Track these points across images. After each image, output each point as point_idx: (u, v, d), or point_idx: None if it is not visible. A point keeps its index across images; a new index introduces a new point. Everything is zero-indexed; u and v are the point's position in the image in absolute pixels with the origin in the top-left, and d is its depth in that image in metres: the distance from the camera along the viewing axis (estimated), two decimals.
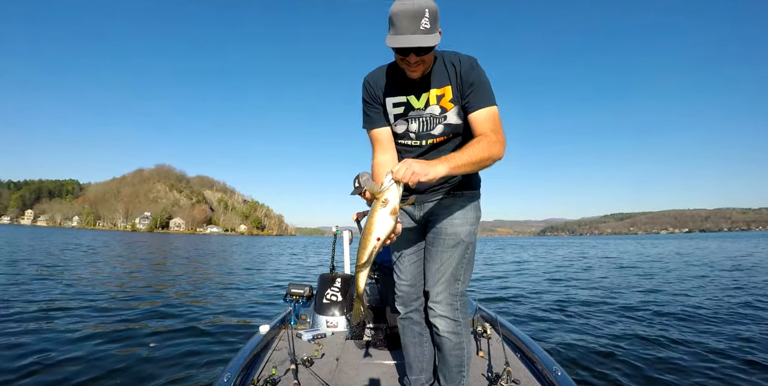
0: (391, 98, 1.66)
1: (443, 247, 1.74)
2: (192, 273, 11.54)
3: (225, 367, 2.08)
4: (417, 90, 1.62)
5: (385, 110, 1.69)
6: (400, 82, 1.64)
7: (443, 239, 1.74)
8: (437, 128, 1.65)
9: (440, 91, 1.60)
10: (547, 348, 4.00)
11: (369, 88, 1.69)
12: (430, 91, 1.61)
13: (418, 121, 1.65)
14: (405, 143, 1.73)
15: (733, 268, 13.05)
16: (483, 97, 1.55)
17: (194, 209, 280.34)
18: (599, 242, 59.24)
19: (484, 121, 1.53)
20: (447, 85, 1.59)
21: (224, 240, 68.63)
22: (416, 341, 1.92)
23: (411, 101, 1.64)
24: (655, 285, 9.17)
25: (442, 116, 1.62)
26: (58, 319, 5.01)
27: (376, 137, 1.73)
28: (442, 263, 1.73)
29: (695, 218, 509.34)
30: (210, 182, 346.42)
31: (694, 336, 4.65)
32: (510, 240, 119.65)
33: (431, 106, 1.61)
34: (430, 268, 1.76)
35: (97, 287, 7.91)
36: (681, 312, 5.97)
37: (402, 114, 1.66)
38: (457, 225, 1.74)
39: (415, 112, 1.64)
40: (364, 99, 1.72)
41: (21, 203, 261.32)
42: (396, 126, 1.70)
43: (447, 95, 1.60)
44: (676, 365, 3.67)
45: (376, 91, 1.69)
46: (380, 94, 1.68)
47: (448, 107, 1.61)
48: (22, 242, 24.69)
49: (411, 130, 1.68)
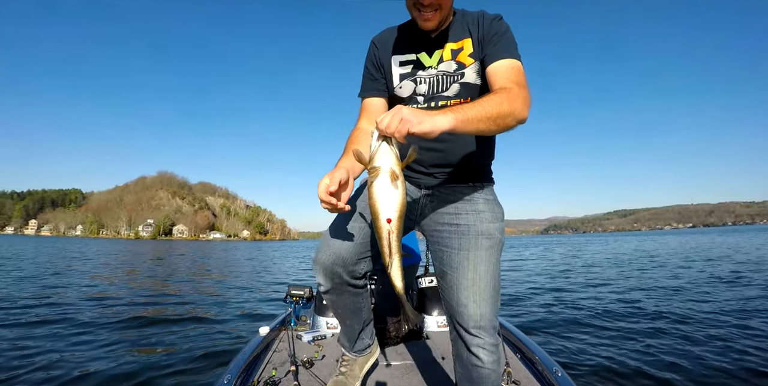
0: (398, 56, 1.44)
1: (476, 250, 1.38)
2: (192, 277, 11.57)
3: (225, 369, 2.08)
4: (430, 46, 1.40)
5: (389, 73, 1.46)
6: (411, 39, 1.44)
7: (474, 239, 1.39)
8: (452, 87, 1.39)
9: (457, 45, 1.38)
10: (547, 348, 3.99)
11: (374, 50, 1.50)
12: (445, 46, 1.39)
13: (429, 80, 1.40)
14: (412, 107, 1.40)
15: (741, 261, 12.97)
16: (507, 47, 1.31)
17: (197, 216, 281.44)
18: (600, 240, 58.90)
19: (506, 71, 1.26)
20: (466, 38, 1.38)
21: (227, 246, 68.73)
22: (356, 307, 1.59)
23: (421, 59, 1.41)
24: (663, 283, 9.12)
25: (458, 74, 1.38)
26: (61, 320, 5.03)
27: (366, 106, 1.51)
28: (477, 272, 1.36)
29: (699, 213, 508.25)
30: (212, 189, 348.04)
31: (700, 335, 4.60)
32: (514, 240, 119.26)
33: (445, 62, 1.39)
34: (459, 281, 1.37)
35: (100, 291, 7.93)
36: (691, 313, 5.90)
37: (409, 73, 1.42)
38: (489, 221, 1.42)
39: (425, 71, 1.41)
40: (366, 63, 1.53)
41: (25, 214, 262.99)
42: (401, 88, 1.44)
43: (466, 49, 1.38)
44: (677, 365, 3.63)
45: (381, 52, 1.47)
46: (386, 55, 1.46)
47: (466, 63, 1.37)
48: (27, 253, 24.80)
49: (419, 91, 1.42)
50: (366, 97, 1.51)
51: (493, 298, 1.36)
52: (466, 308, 1.34)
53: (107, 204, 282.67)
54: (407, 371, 2.23)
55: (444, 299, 1.43)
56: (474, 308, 1.33)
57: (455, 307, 1.37)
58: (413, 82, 1.42)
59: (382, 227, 1.02)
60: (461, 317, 1.35)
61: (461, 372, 1.43)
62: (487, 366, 1.35)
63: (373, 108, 1.50)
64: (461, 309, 1.35)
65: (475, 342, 1.34)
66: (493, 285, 1.37)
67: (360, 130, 1.46)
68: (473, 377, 1.38)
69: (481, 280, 1.35)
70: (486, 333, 1.34)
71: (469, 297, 1.34)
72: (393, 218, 1.00)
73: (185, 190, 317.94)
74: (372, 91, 1.49)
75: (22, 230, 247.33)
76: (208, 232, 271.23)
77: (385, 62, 1.47)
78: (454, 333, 1.41)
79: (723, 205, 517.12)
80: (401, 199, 1.02)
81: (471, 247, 1.38)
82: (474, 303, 1.33)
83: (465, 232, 1.40)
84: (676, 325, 5.07)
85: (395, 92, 1.46)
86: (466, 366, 1.40)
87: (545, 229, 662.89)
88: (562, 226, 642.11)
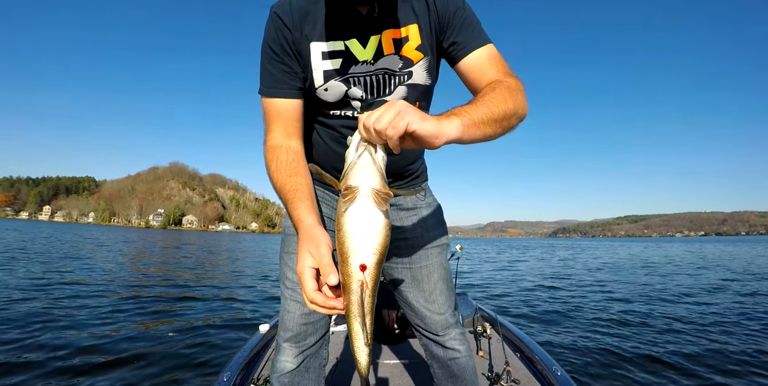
0: (319, 44, 1.04)
1: (427, 260, 1.30)
2: (194, 271, 11.77)
3: (225, 367, 2.06)
4: (360, 29, 1.03)
5: (308, 66, 1.05)
6: (333, 17, 1.03)
7: (423, 251, 1.30)
8: (397, 90, 1.09)
9: (400, 32, 1.04)
10: (546, 347, 4.06)
11: (281, 29, 1.04)
12: (383, 33, 1.03)
13: (365, 80, 1.06)
14: (344, 114, 1.12)
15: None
16: (477, 32, 1.05)
17: (206, 207, 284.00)
18: (599, 245, 58.30)
19: (489, 63, 1.03)
20: (411, 24, 1.04)
21: (235, 238, 69.31)
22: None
23: (352, 49, 1.04)
24: (668, 287, 9.09)
25: (404, 73, 1.07)
26: (72, 309, 5.21)
27: (277, 110, 1.07)
28: (431, 281, 1.30)
29: (711, 221, 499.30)
30: (222, 180, 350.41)
31: (699, 338, 4.65)
32: (519, 241, 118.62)
33: (387, 56, 1.04)
34: (416, 295, 1.30)
35: (106, 283, 8.14)
36: (692, 317, 5.92)
37: (339, 70, 1.05)
38: (434, 227, 1.33)
39: (359, 66, 1.04)
40: (267, 44, 1.06)
41: (39, 200, 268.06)
42: (326, 90, 1.07)
43: (412, 40, 1.05)
44: (677, 365, 3.72)
45: (291, 30, 1.03)
46: (301, 39, 1.04)
47: (413, 58, 1.06)
48: (38, 237, 25.36)
49: (353, 95, 1.08)
50: (277, 96, 1.07)
51: (449, 298, 1.33)
52: (430, 317, 1.30)
53: (119, 193, 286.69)
54: (406, 370, 2.24)
55: (405, 310, 1.37)
56: (437, 316, 1.30)
57: (419, 318, 1.32)
58: (344, 82, 1.06)
59: (352, 275, 0.70)
60: (427, 325, 1.31)
61: (441, 371, 1.38)
62: (464, 353, 1.33)
63: (289, 114, 1.08)
64: (426, 320, 1.31)
65: (449, 338, 1.32)
66: (447, 287, 1.33)
67: (283, 148, 1.05)
68: (454, 371, 1.34)
69: (437, 289, 1.30)
70: (453, 327, 1.32)
71: (429, 307, 1.30)
72: (369, 264, 0.70)
73: (196, 181, 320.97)
74: (288, 90, 1.07)
75: (36, 215, 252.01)
76: (217, 223, 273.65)
77: (303, 50, 1.05)
78: (424, 339, 1.36)
79: (737, 214, 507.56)
80: (384, 236, 0.71)
81: (422, 259, 1.29)
82: (436, 312, 1.30)
83: (414, 245, 1.29)
84: (676, 325, 5.17)
85: (317, 94, 1.08)
86: (444, 364, 1.35)
87: (554, 232, 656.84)
88: (571, 229, 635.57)
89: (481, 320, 3.02)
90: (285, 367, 1.21)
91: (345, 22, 1.02)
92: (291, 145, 1.06)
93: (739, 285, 9.61)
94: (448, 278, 1.35)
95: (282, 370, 1.21)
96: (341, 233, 0.70)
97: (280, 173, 0.98)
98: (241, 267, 13.70)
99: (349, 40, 1.02)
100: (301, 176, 0.97)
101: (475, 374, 1.40)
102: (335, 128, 1.14)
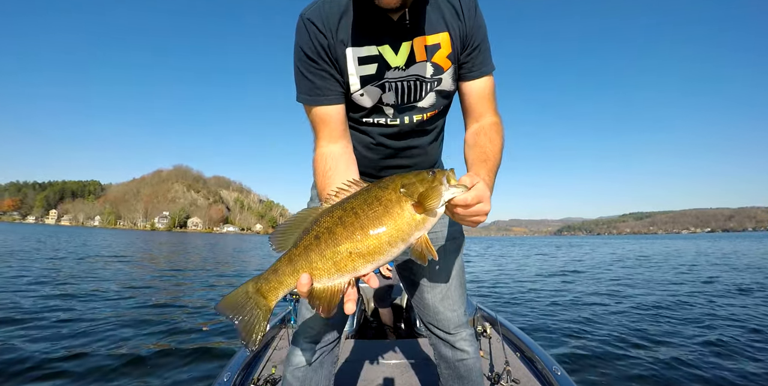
0: (355, 49, 1.05)
1: (445, 257, 1.33)
2: (197, 271, 11.83)
3: (225, 366, 2.06)
4: (392, 35, 1.05)
5: (344, 71, 1.07)
6: (365, 22, 1.04)
7: (442, 248, 1.33)
8: (427, 97, 1.12)
9: (431, 39, 1.06)
10: (547, 347, 4.07)
11: (316, 35, 1.04)
12: (414, 40, 1.05)
13: (397, 86, 1.08)
14: (376, 122, 1.15)
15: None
16: (489, 56, 1.10)
17: (211, 209, 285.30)
18: (599, 243, 57.82)
19: (488, 95, 1.11)
20: (443, 32, 1.06)
21: (240, 239, 69.35)
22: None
23: (385, 54, 1.05)
24: (666, 286, 9.05)
25: (435, 79, 1.09)
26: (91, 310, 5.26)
27: (321, 117, 1.10)
28: (448, 278, 1.32)
29: (718, 218, 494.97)
30: (226, 183, 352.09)
31: (695, 338, 4.62)
32: (519, 240, 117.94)
33: (419, 63, 1.06)
34: (433, 291, 1.33)
35: (115, 289, 8.21)
36: (692, 316, 5.90)
37: (373, 76, 1.07)
38: (452, 223, 1.34)
39: (392, 72, 1.06)
40: (302, 51, 1.06)
41: (45, 204, 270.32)
42: (363, 95, 1.09)
43: (444, 48, 1.07)
44: (676, 365, 3.72)
45: (326, 36, 1.04)
46: (334, 42, 1.05)
47: (444, 66, 1.08)
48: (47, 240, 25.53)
49: (386, 101, 1.11)
50: (320, 103, 1.09)
51: (462, 296, 1.36)
52: (444, 315, 1.32)
53: (124, 196, 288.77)
54: (406, 369, 2.24)
55: (417, 308, 1.39)
56: (450, 313, 1.33)
57: (432, 315, 1.34)
58: (380, 88, 1.08)
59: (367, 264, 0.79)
60: (440, 323, 1.34)
61: (448, 372, 1.40)
62: (472, 355, 1.35)
63: (334, 118, 1.10)
64: (439, 317, 1.33)
65: (459, 339, 1.34)
66: (461, 284, 1.36)
67: (326, 156, 1.09)
68: (462, 372, 1.37)
69: (452, 286, 1.33)
70: (464, 327, 1.35)
71: (445, 305, 1.32)
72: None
73: (200, 183, 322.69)
74: (330, 96, 1.08)
75: (42, 219, 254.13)
76: (222, 225, 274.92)
77: (339, 55, 1.06)
78: (434, 338, 1.39)
79: (744, 210, 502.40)
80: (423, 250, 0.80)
81: (440, 256, 1.29)
82: (450, 309, 1.33)
83: (433, 240, 1.28)
84: (678, 326, 5.13)
85: (353, 99, 1.11)
86: (452, 365, 1.37)
87: (559, 230, 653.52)
88: (576, 227, 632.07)
89: (481, 320, 3.03)
90: (300, 362, 1.26)
91: (377, 29, 1.03)
92: (334, 150, 1.09)
93: (735, 280, 9.45)
94: (462, 275, 1.37)
95: (297, 364, 1.26)
96: (390, 225, 0.77)
97: (320, 182, 1.08)
98: (244, 268, 13.75)
99: (382, 46, 1.04)
100: (337, 181, 0.97)
101: (481, 376, 1.41)
102: (367, 133, 1.18)
